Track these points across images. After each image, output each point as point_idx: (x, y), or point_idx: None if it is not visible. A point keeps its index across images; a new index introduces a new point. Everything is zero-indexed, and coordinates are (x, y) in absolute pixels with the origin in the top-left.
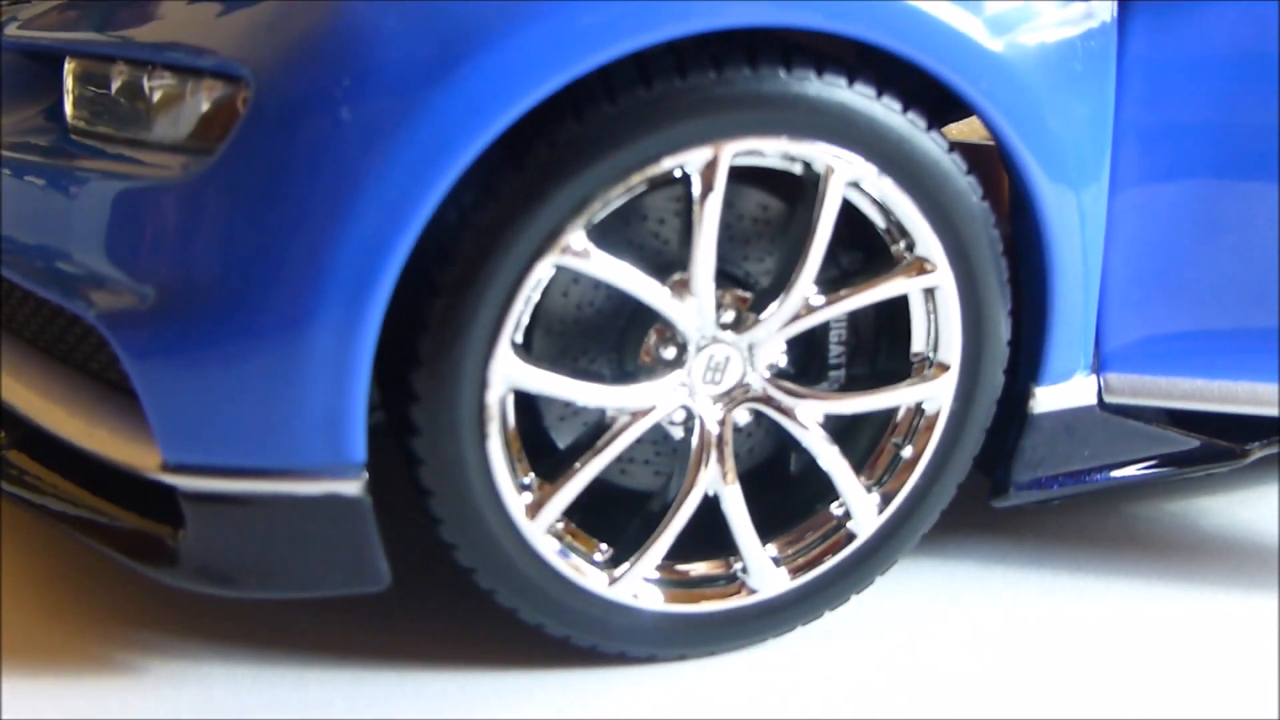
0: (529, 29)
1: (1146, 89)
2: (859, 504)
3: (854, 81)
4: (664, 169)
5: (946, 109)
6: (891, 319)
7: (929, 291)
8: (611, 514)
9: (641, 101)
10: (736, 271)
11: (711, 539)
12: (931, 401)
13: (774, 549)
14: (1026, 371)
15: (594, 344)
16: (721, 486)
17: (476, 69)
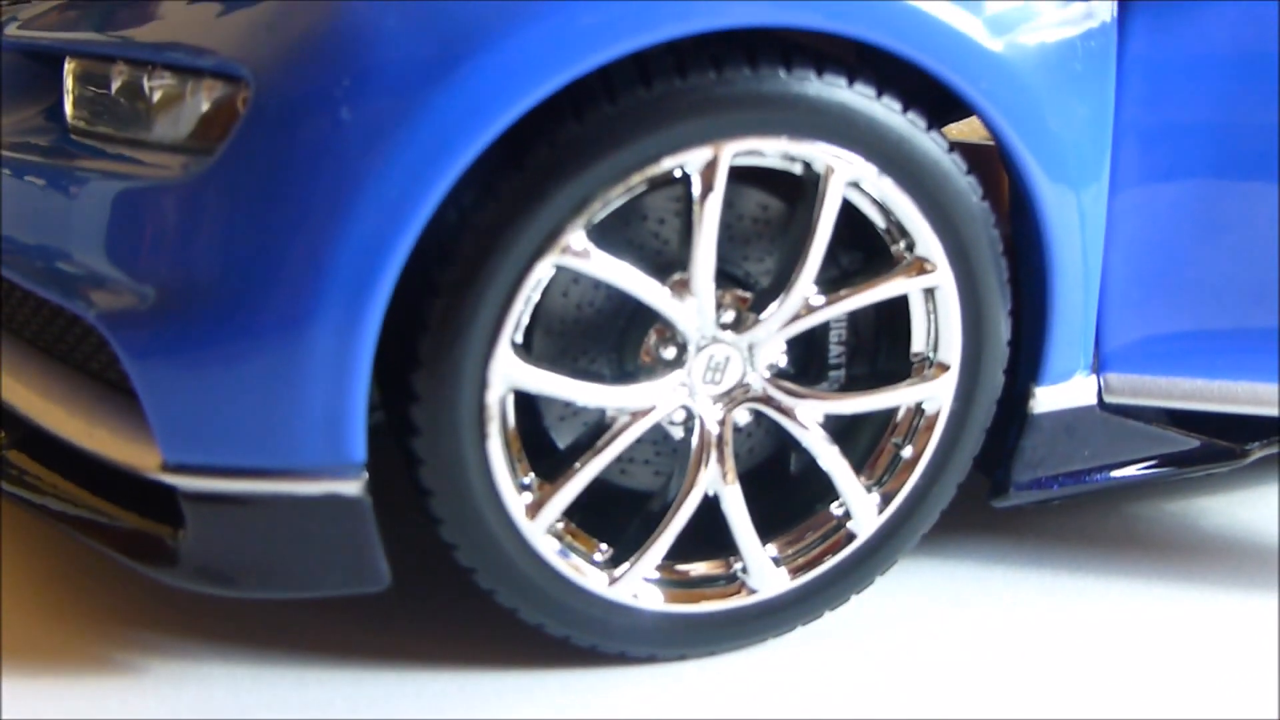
0: (529, 29)
1: (1146, 89)
2: (859, 504)
3: (854, 81)
4: (664, 169)
5: (946, 109)
6: (891, 319)
7: (929, 291)
8: (611, 514)
9: (641, 101)
10: (736, 271)
11: (711, 539)
12: (931, 401)
13: (774, 549)
14: (1026, 371)
15: (594, 344)
16: (721, 486)
17: (476, 69)
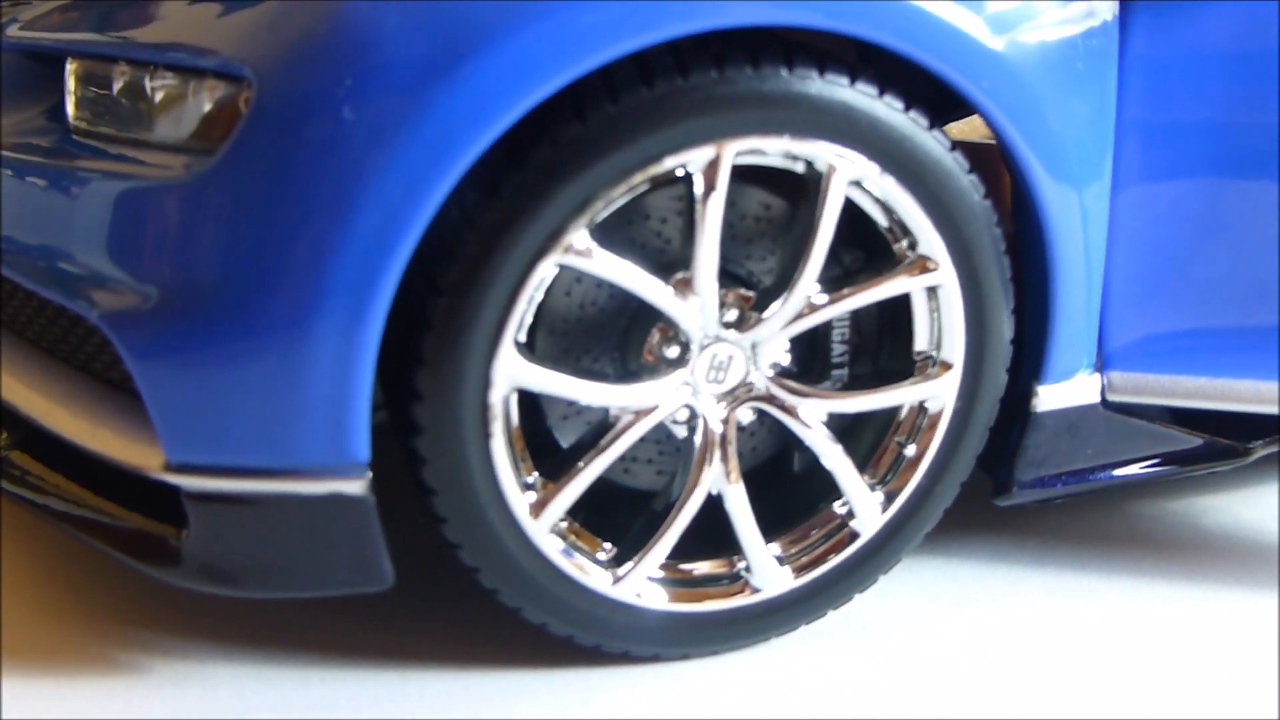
0: (531, 28)
1: (1148, 88)
2: (862, 502)
3: (856, 80)
4: (666, 168)
5: (948, 108)
6: (894, 318)
7: (931, 290)
8: (615, 513)
9: (644, 101)
10: (739, 270)
11: (715, 538)
12: (934, 400)
13: (777, 548)
14: (1029, 370)
15: (597, 343)
16: (725, 485)
17: (479, 68)
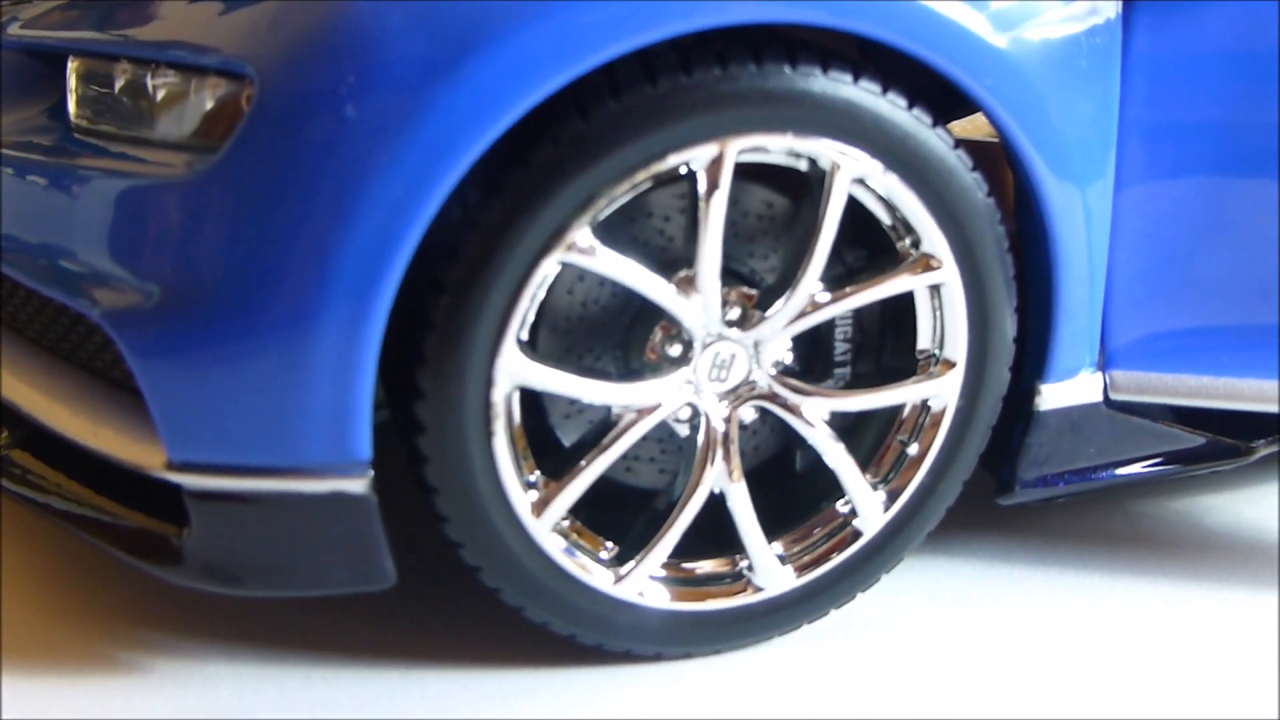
0: (533, 26)
1: (1151, 86)
2: (865, 501)
3: (859, 78)
4: (669, 166)
5: (952, 105)
6: (897, 316)
7: (934, 288)
8: (617, 512)
9: (646, 99)
10: (742, 269)
11: (717, 537)
12: (937, 399)
13: (780, 546)
14: (1032, 369)
15: (599, 341)
16: (727, 484)
17: (481, 66)
